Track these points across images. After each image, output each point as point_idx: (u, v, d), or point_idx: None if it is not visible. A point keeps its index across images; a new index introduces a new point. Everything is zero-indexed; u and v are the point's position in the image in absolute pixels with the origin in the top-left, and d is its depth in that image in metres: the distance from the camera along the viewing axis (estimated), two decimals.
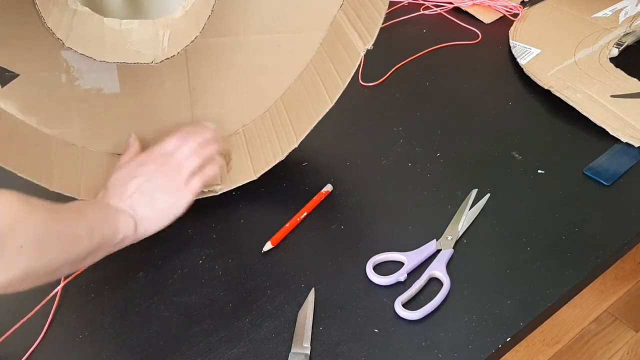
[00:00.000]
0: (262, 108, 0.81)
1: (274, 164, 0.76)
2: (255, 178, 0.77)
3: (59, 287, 0.69)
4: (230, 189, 0.77)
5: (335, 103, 0.71)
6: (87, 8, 0.71)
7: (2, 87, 0.73)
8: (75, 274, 0.70)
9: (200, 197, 0.77)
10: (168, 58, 0.66)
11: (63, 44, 0.64)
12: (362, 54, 0.69)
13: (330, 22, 0.76)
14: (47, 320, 0.67)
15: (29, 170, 0.69)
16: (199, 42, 0.72)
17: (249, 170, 0.78)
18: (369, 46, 0.68)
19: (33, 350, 0.65)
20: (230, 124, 0.81)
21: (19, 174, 0.68)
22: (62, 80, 0.74)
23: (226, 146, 0.77)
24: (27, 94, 0.74)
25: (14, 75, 0.72)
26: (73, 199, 0.72)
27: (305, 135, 0.74)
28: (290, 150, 0.75)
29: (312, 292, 0.67)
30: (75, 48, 0.65)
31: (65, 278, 0.70)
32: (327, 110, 0.72)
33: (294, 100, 0.79)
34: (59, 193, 0.71)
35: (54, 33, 0.63)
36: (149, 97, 0.78)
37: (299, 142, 0.74)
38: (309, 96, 0.77)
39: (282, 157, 0.76)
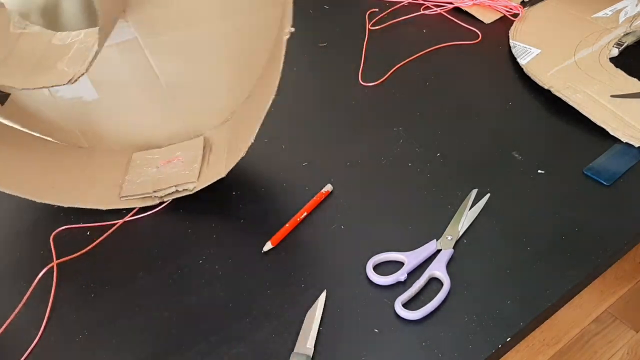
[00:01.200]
0: (244, 93, 0.80)
1: (238, 160, 0.73)
2: (224, 175, 0.74)
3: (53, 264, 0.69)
4: (203, 186, 0.76)
5: (335, 103, 0.71)
6: (37, 27, 0.72)
7: (2, 105, 0.74)
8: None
9: (177, 196, 0.77)
10: (79, 77, 0.65)
11: None
12: (286, 38, 0.64)
13: None
14: (45, 320, 0.67)
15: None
16: (153, 41, 0.73)
17: (221, 167, 0.77)
18: (290, 29, 0.64)
19: (32, 350, 0.65)
20: (218, 112, 0.81)
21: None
22: (45, 94, 0.76)
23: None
24: (23, 109, 0.76)
25: (7, 95, 0.73)
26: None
27: (256, 132, 0.70)
28: (248, 146, 0.71)
29: (324, 294, 0.67)
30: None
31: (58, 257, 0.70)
32: (270, 103, 0.68)
33: (264, 85, 0.77)
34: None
35: None
36: (127, 99, 0.79)
37: (254, 137, 0.70)
38: (259, 88, 0.75)
39: (242, 154, 0.72)
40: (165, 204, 0.78)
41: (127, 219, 0.77)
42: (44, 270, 0.71)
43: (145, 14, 0.71)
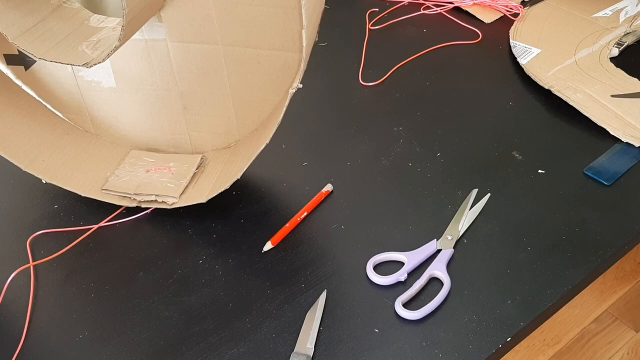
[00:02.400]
0: (251, 126, 0.79)
1: (219, 191, 0.73)
2: (204, 201, 0.74)
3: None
4: (181, 206, 0.76)
5: (335, 103, 0.71)
6: (77, 4, 0.72)
7: (25, 71, 0.78)
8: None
9: (156, 206, 0.77)
10: (96, 64, 0.66)
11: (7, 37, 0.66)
12: (292, 92, 0.66)
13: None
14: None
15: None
16: (180, 47, 0.73)
17: (205, 191, 0.76)
18: (298, 85, 0.66)
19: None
20: (222, 136, 0.81)
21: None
22: (68, 70, 0.77)
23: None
24: (42, 78, 0.79)
25: (33, 61, 0.77)
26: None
27: (244, 171, 0.71)
28: (233, 181, 0.72)
29: (324, 294, 0.67)
30: (19, 44, 0.67)
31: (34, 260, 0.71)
32: (262, 148, 0.69)
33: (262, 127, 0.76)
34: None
35: None
36: (142, 95, 0.79)
37: (240, 175, 0.72)
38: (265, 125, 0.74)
39: (226, 186, 0.73)
40: (147, 211, 0.78)
41: (127, 219, 0.77)
42: (18, 270, 0.71)
43: (179, 20, 0.71)
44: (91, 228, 0.76)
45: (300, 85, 0.66)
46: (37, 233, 0.76)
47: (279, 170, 0.82)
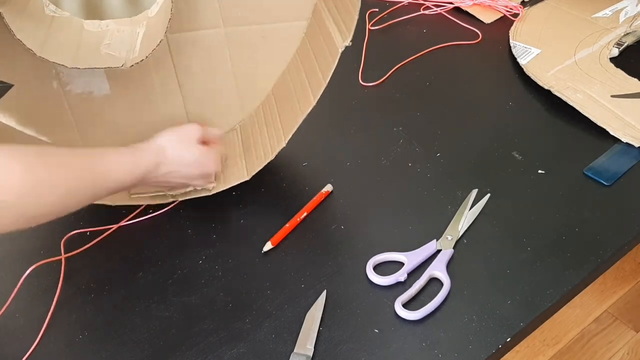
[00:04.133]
0: (255, 102, 0.80)
1: (264, 164, 0.75)
2: (247, 178, 0.76)
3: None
4: (224, 188, 0.77)
5: (335, 103, 0.71)
6: (66, 13, 0.72)
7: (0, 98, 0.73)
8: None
9: (194, 196, 0.77)
10: (137, 62, 0.66)
11: (34, 54, 0.64)
12: (341, 50, 0.67)
13: (312, 12, 0.74)
14: (46, 320, 0.67)
15: None
16: (181, 37, 0.72)
17: (242, 170, 0.77)
18: (347, 42, 0.66)
19: (33, 351, 0.65)
20: (226, 120, 0.81)
21: None
22: (53, 87, 0.75)
23: (225, 149, 0.77)
24: (22, 105, 0.75)
25: (9, 86, 0.72)
26: None
27: (292, 133, 0.73)
28: (279, 149, 0.74)
29: (324, 294, 0.67)
30: (48, 57, 0.66)
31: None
32: (311, 109, 0.71)
33: (283, 96, 0.78)
34: None
35: (24, 44, 0.63)
36: (139, 95, 0.78)
37: (286, 141, 0.73)
38: (295, 92, 0.75)
39: (272, 157, 0.75)
40: (171, 206, 0.78)
41: (127, 219, 0.77)
42: (31, 268, 0.71)
43: (180, 9, 0.71)
44: (111, 228, 0.76)
45: (350, 43, 0.66)
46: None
47: (279, 170, 0.82)
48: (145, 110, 0.80)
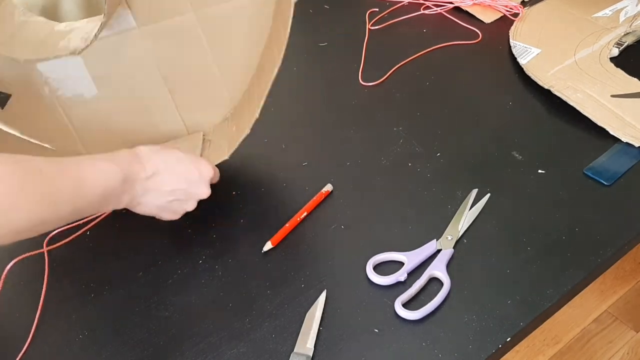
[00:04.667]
0: (242, 86, 0.79)
1: (241, 139, 0.73)
2: (227, 157, 0.75)
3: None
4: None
5: (335, 103, 0.71)
6: (41, 18, 0.73)
7: (2, 109, 0.74)
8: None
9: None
10: (83, 49, 0.67)
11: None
12: (294, 2, 0.66)
13: None
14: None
15: None
16: (153, 29, 0.73)
17: (222, 150, 0.76)
18: None
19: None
20: (215, 109, 0.80)
21: None
22: (46, 93, 0.75)
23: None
24: (20, 113, 0.76)
25: (8, 95, 0.73)
26: None
27: (263, 101, 0.70)
28: (253, 121, 0.71)
29: (324, 294, 0.67)
30: (5, 52, 0.67)
31: None
32: (277, 69, 0.68)
33: (260, 69, 0.77)
34: None
35: None
36: (127, 94, 0.79)
37: (259, 113, 0.71)
38: (267, 60, 0.74)
39: (248, 131, 0.72)
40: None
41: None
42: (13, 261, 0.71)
43: (146, 1, 0.71)
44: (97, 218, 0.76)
45: None
46: None
47: (279, 170, 0.82)
48: (137, 112, 0.80)
